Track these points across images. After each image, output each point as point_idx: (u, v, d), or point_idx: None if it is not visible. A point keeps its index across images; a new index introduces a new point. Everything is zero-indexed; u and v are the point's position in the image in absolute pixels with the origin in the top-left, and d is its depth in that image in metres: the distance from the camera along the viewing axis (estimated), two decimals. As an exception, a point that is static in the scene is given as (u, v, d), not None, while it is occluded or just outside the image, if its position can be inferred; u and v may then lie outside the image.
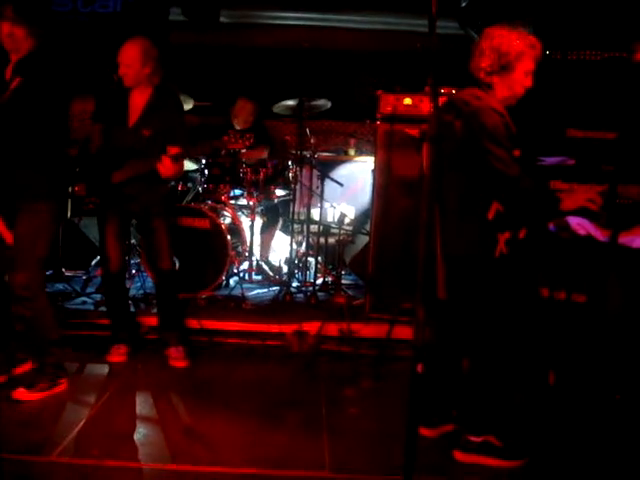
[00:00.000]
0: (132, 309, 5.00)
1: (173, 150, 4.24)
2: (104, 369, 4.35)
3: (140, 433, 3.46)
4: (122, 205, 4.44)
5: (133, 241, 5.81)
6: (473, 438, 3.23)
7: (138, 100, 4.41)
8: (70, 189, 4.37)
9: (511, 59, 3.16)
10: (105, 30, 7.46)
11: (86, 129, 7.08)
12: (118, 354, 4.49)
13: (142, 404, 3.87)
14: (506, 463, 3.17)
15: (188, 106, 5.98)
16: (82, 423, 3.48)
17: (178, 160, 4.20)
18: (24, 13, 3.64)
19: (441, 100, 3.33)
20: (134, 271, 5.80)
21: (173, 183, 5.92)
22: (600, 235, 3.15)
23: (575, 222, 3.17)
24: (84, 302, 5.47)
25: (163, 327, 4.66)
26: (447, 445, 3.32)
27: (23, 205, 3.70)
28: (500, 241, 3.16)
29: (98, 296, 5.44)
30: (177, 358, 4.46)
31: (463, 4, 6.39)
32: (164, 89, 4.46)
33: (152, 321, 4.86)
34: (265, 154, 6.36)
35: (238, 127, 6.66)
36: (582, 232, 3.17)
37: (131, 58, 4.30)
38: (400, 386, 3.87)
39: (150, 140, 4.30)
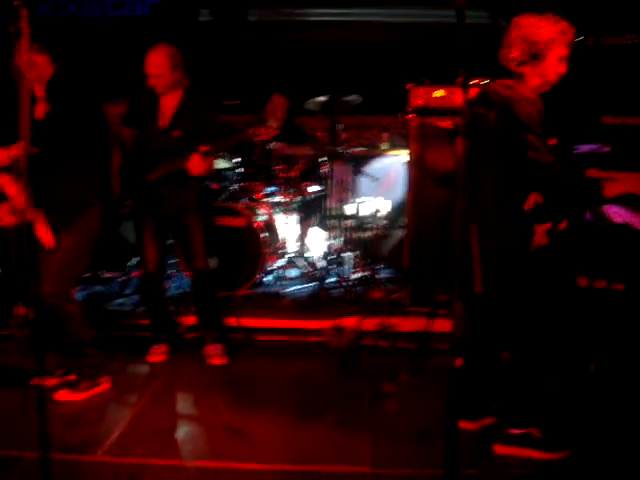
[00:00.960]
0: (171, 309, 5.02)
1: (203, 147, 4.24)
2: (144, 369, 4.41)
3: (182, 431, 3.50)
4: (157, 206, 4.47)
5: (170, 241, 5.85)
6: (514, 430, 3.21)
7: (169, 103, 4.44)
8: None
9: (541, 47, 3.12)
10: (134, 33, 7.54)
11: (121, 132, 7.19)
12: (158, 354, 4.55)
13: (183, 402, 3.92)
14: (547, 455, 3.14)
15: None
16: (125, 422, 3.54)
17: (207, 157, 4.19)
18: (43, 41, 3.71)
19: (473, 92, 3.32)
20: (172, 271, 5.84)
21: (207, 182, 5.95)
22: (638, 223, 3.11)
23: (612, 210, 3.14)
24: (123, 303, 5.54)
25: (201, 325, 4.69)
26: (488, 438, 3.30)
27: (68, 220, 3.76)
28: (537, 232, 3.12)
29: (136, 297, 5.50)
30: (215, 356, 4.50)
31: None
32: (193, 90, 4.47)
33: (190, 320, 4.91)
34: (300, 151, 6.33)
35: (273, 125, 6.65)
36: (619, 220, 3.13)
37: (160, 68, 4.31)
38: (440, 380, 3.87)
39: (180, 141, 4.31)
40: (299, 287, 6.00)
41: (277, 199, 6.11)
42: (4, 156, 3.66)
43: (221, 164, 6.22)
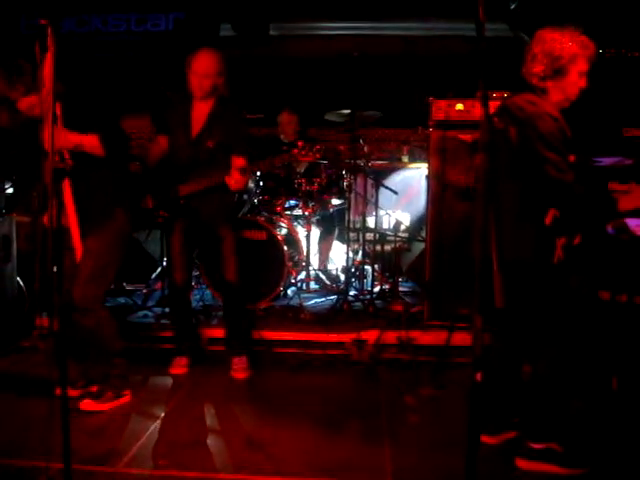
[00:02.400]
0: (194, 321, 5.05)
1: (239, 162, 4.31)
2: (166, 380, 4.43)
3: (203, 443, 3.51)
4: (189, 218, 4.51)
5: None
6: (535, 445, 3.19)
7: (201, 111, 4.45)
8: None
9: (564, 63, 3.12)
10: (158, 48, 7.63)
11: (145, 145, 7.27)
12: (180, 366, 4.57)
13: (205, 414, 3.92)
14: (568, 471, 3.12)
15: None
16: (147, 434, 3.56)
17: (245, 172, 4.26)
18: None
19: (493, 105, 3.32)
20: (193, 284, 5.87)
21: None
22: (660, 236, 3.10)
23: (634, 223, 3.12)
24: (145, 315, 5.59)
25: (229, 338, 4.72)
26: (509, 452, 3.29)
27: (92, 227, 3.79)
28: (557, 246, 3.12)
29: (159, 309, 5.55)
30: (239, 370, 4.52)
31: (512, 6, 6.35)
32: (226, 99, 4.47)
33: (212, 333, 4.95)
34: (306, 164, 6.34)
35: (286, 140, 6.71)
36: (641, 233, 3.12)
37: (210, 68, 4.32)
38: (460, 393, 3.89)
39: (214, 151, 4.36)
40: (320, 300, 6.02)
41: (298, 212, 6.14)
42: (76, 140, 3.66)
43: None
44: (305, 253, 5.99)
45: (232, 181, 4.22)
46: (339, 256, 6.76)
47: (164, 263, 5.64)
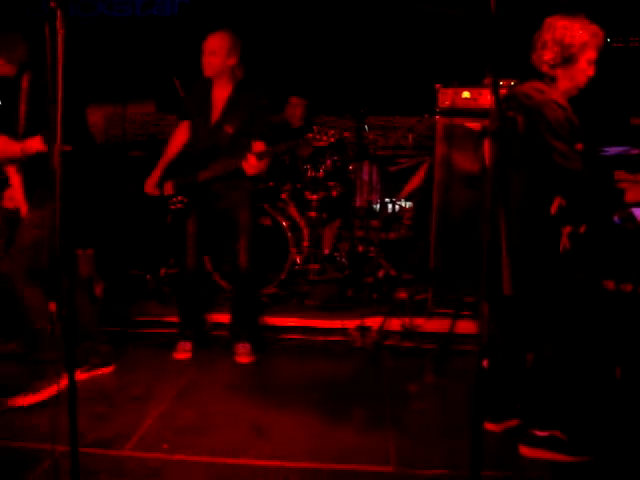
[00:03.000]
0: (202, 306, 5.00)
1: (257, 147, 4.30)
2: (171, 365, 4.44)
3: (207, 428, 3.52)
4: (207, 203, 4.52)
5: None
6: (539, 432, 3.20)
7: (220, 96, 4.47)
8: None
9: (575, 51, 3.11)
10: (164, 33, 7.61)
11: (147, 130, 7.23)
12: (184, 351, 4.58)
13: (208, 399, 3.92)
14: (572, 458, 3.13)
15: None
16: (152, 418, 3.57)
17: (263, 157, 4.25)
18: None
19: (500, 93, 3.31)
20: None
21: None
22: (667, 226, 3.09)
23: (640, 213, 3.12)
24: (150, 300, 5.59)
25: (234, 323, 4.70)
26: (512, 439, 3.30)
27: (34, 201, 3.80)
28: (563, 235, 3.13)
29: (164, 294, 5.56)
30: (243, 354, 4.52)
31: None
32: (245, 84, 4.48)
33: (216, 318, 4.96)
34: (310, 150, 6.31)
35: (292, 124, 6.71)
36: (648, 223, 3.12)
37: (217, 46, 4.32)
38: (464, 381, 3.90)
39: (233, 137, 4.38)
40: (324, 286, 6.02)
41: (303, 198, 6.13)
42: (16, 149, 3.70)
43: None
44: (310, 239, 5.99)
45: (248, 166, 4.21)
46: (344, 243, 6.74)
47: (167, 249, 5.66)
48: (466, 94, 4.97)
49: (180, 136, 4.64)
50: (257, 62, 6.90)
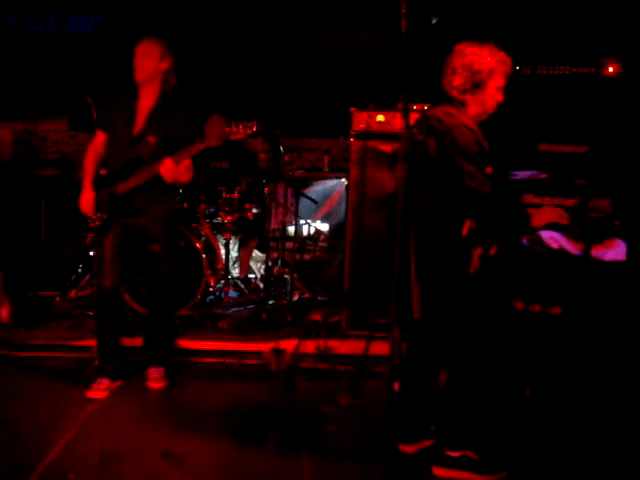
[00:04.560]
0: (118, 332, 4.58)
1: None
2: (80, 391, 4.26)
3: (118, 457, 3.40)
4: (127, 219, 4.29)
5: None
6: (451, 453, 3.22)
7: (146, 104, 4.29)
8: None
9: (483, 77, 3.20)
10: (77, 50, 7.47)
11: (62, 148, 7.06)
12: (100, 390, 4.21)
13: (119, 426, 3.81)
14: (484, 478, 3.17)
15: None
16: (59, 447, 3.44)
17: (180, 161, 4.05)
18: None
19: (413, 117, 3.36)
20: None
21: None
22: (572, 248, 3.18)
23: (548, 236, 3.20)
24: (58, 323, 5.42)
25: (147, 347, 4.51)
26: (426, 461, 3.32)
27: None
28: (474, 257, 3.18)
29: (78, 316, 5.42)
30: (155, 379, 4.38)
31: (434, 21, 6.46)
32: (176, 93, 4.33)
33: (127, 342, 4.82)
34: (226, 166, 6.25)
35: (212, 144, 6.66)
36: (555, 245, 3.20)
37: (150, 49, 4.22)
38: (379, 403, 3.87)
39: (157, 148, 4.18)
40: (239, 309, 5.97)
41: (218, 220, 6.08)
42: None
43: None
44: (224, 261, 5.94)
45: (164, 169, 4.00)
46: (259, 265, 6.72)
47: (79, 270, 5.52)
48: (380, 117, 5.03)
49: (97, 148, 4.40)
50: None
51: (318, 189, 6.80)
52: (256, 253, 6.75)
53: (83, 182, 4.35)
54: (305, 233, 6.66)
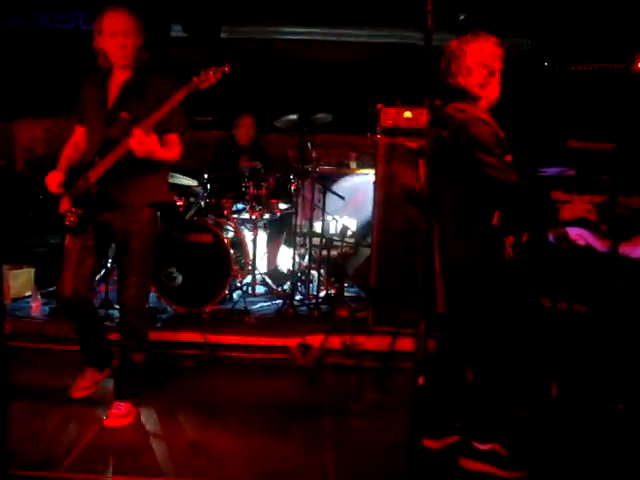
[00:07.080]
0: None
1: (172, 139, 3.65)
2: (109, 385, 4.30)
3: (145, 448, 3.46)
4: (102, 215, 3.70)
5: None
6: (480, 445, 3.23)
7: (117, 81, 3.73)
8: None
9: (495, 67, 3.22)
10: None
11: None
12: (82, 388, 4.01)
13: (146, 418, 3.86)
14: (509, 474, 3.16)
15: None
16: (87, 439, 3.49)
17: (149, 127, 3.42)
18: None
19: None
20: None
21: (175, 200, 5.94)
22: (600, 245, 3.17)
23: (574, 233, 3.19)
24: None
25: (118, 377, 3.94)
26: (451, 456, 3.32)
27: None
28: (507, 245, 3.18)
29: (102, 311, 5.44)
30: (115, 416, 3.71)
31: (461, 17, 6.44)
32: (149, 68, 3.75)
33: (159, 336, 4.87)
34: (258, 166, 6.28)
35: (240, 142, 6.74)
36: (581, 242, 3.19)
37: (128, 24, 3.62)
38: (404, 398, 3.87)
39: (132, 124, 3.46)
40: (266, 304, 6.00)
41: (245, 216, 6.11)
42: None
43: (189, 181, 6.23)
44: (251, 257, 5.97)
45: (134, 142, 3.38)
46: (286, 260, 6.74)
47: (109, 265, 5.56)
48: (407, 114, 5.03)
49: (78, 142, 3.87)
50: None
51: (345, 185, 6.81)
52: (283, 249, 6.77)
53: (58, 162, 3.85)
54: (332, 229, 6.67)
